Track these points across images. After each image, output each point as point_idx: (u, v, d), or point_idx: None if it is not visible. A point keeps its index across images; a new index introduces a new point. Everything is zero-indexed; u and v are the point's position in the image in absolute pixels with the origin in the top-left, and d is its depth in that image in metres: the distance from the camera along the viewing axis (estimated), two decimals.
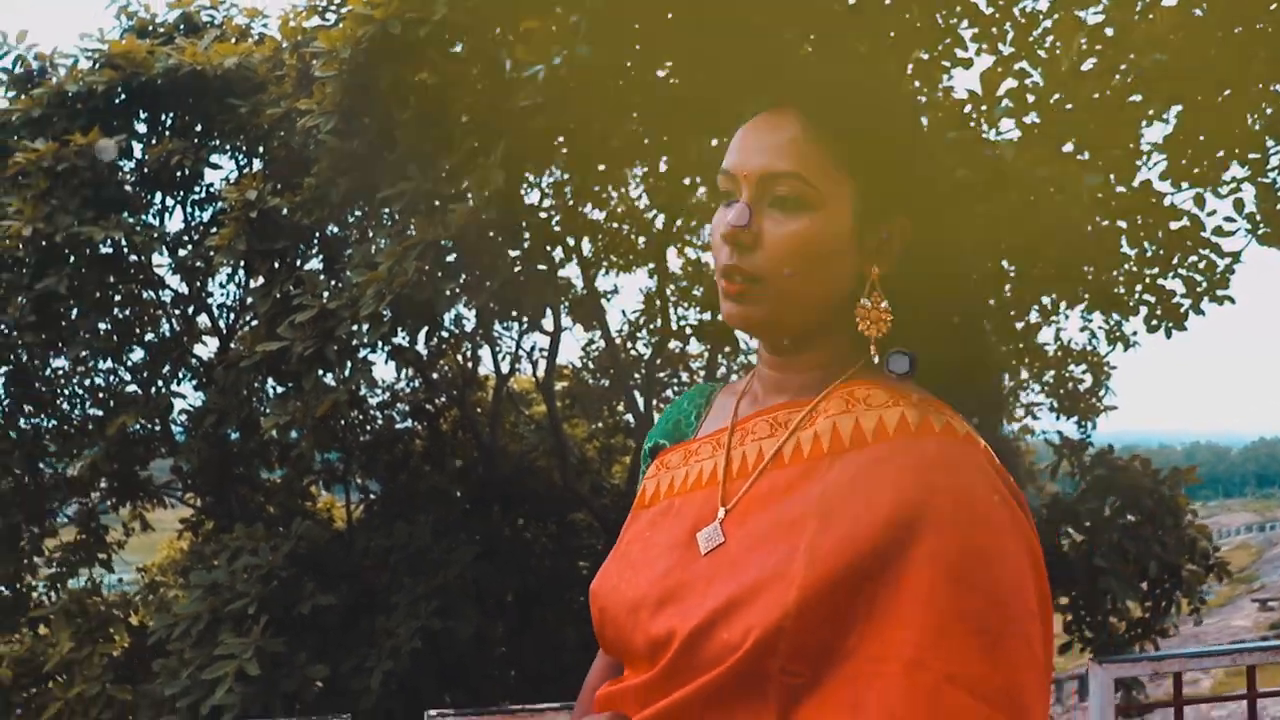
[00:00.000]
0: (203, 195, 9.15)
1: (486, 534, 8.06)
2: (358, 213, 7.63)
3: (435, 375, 9.48)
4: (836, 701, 0.98)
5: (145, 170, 8.63)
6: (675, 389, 11.25)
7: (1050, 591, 1.08)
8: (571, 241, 8.62)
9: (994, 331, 6.84)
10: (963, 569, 0.98)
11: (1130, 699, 7.03)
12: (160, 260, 9.09)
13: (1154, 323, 6.76)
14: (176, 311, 9.57)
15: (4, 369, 8.63)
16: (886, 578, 0.98)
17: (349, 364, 6.71)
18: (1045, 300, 7.20)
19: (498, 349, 10.05)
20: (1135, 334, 8.51)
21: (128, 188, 8.59)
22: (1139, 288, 6.81)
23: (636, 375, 10.38)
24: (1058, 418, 9.62)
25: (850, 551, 0.99)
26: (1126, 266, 6.73)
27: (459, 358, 9.90)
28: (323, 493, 10.58)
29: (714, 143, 6.47)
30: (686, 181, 8.47)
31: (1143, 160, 6.15)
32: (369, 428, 9.45)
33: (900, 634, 0.97)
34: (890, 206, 1.12)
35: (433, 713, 3.40)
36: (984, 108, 4.87)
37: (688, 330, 10.48)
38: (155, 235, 8.60)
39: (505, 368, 10.21)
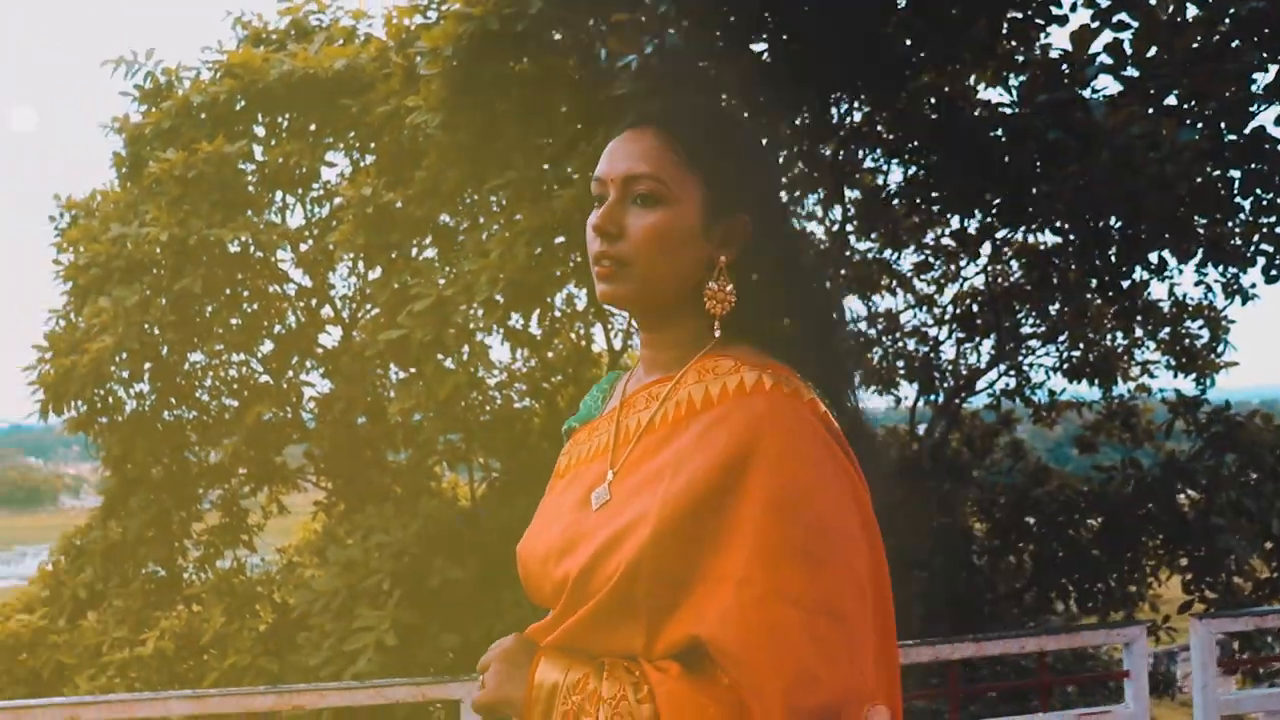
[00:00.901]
0: (320, 192, 9.56)
1: None
2: (467, 201, 7.90)
3: (550, 354, 9.73)
4: (687, 617, 1.20)
5: (266, 171, 9.05)
6: None
7: (876, 520, 1.28)
8: None
9: (1097, 290, 6.81)
10: (786, 502, 1.20)
11: (1256, 657, 6.93)
12: (284, 256, 9.54)
13: (1273, 273, 6.61)
14: (301, 304, 10.02)
15: (148, 365, 9.11)
16: (724, 512, 1.21)
17: (467, 348, 7.01)
18: (1154, 256, 7.10)
19: (610, 326, 10.26)
20: (1254, 286, 8.32)
21: (251, 189, 9.04)
22: (1255, 238, 6.67)
23: None
24: (1175, 375, 9.44)
25: (693, 491, 1.22)
26: (1241, 217, 6.59)
27: (572, 336, 10.13)
28: (447, 472, 10.96)
29: (799, 120, 6.53)
30: (785, 152, 8.56)
31: (1254, 107, 6.02)
32: (488, 408, 9.76)
33: (734, 558, 1.19)
34: (732, 205, 1.34)
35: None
36: (1076, 66, 4.85)
37: None
38: (278, 233, 9.04)
39: (618, 344, 10.41)
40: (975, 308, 10.23)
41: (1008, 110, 5.78)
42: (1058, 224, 6.42)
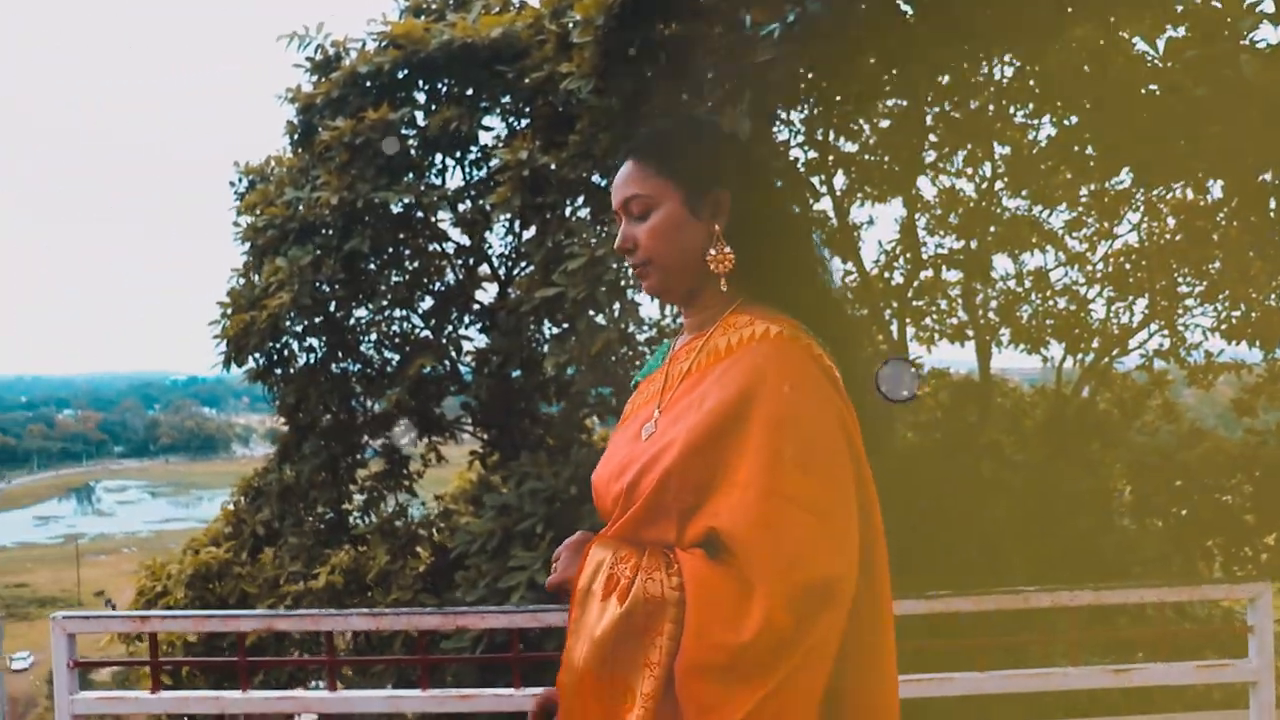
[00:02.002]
0: (478, 155, 9.96)
1: None
2: (618, 163, 8.16)
3: None
4: (706, 515, 1.56)
5: (427, 136, 9.49)
6: (933, 317, 11.27)
7: (861, 442, 1.60)
8: (822, 177, 8.88)
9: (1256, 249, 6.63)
10: (782, 423, 1.54)
11: None
12: (443, 216, 9.99)
13: None
14: (460, 262, 10.49)
15: (318, 319, 9.70)
16: (735, 434, 1.56)
17: (618, 305, 7.31)
18: None
19: None
20: None
21: (413, 153, 9.49)
22: None
23: (894, 304, 10.51)
24: None
25: (711, 418, 1.58)
26: None
27: None
28: (597, 424, 11.35)
29: (944, 79, 6.54)
30: (936, 110, 8.55)
31: None
32: (638, 363, 10.05)
33: (743, 468, 1.54)
34: (707, 185, 1.69)
35: None
36: (1229, 19, 4.77)
37: (941, 259, 10.50)
38: (438, 195, 9.49)
39: None
40: (1129, 265, 10.03)
41: (1157, 64, 5.70)
42: (1208, 181, 6.31)
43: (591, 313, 7.23)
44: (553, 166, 7.88)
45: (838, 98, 7.69)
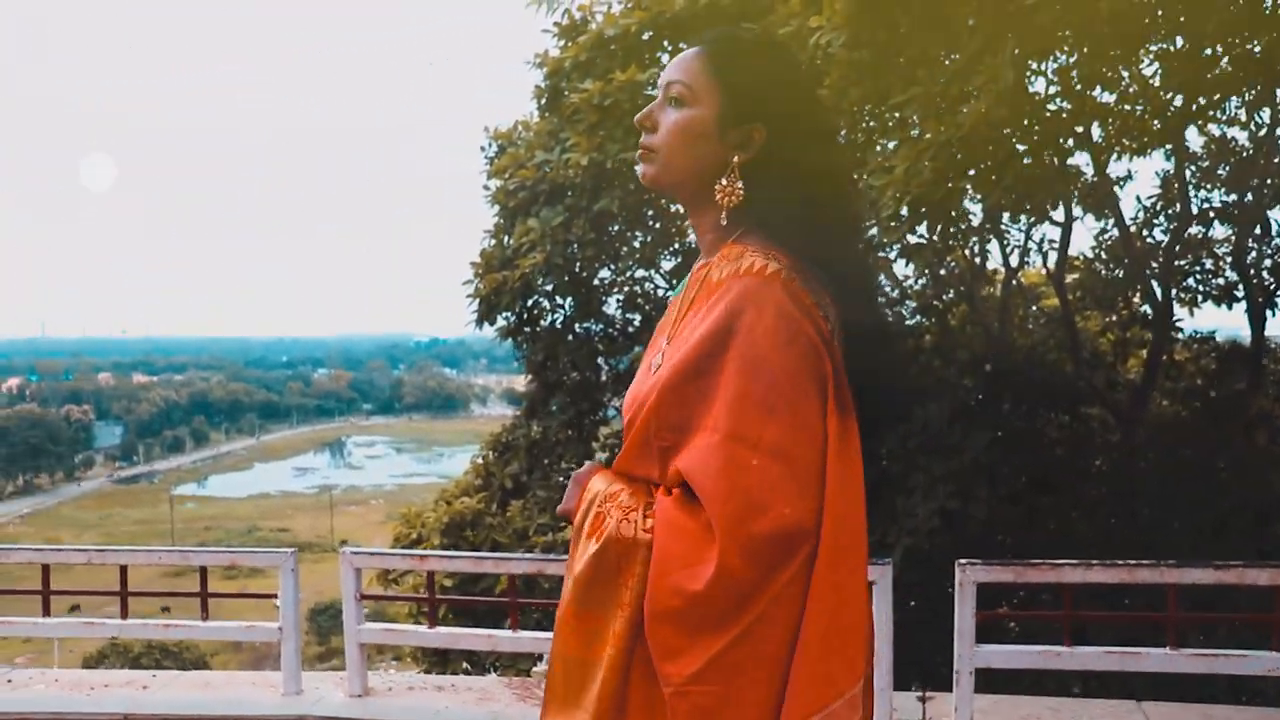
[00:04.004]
0: None
1: (998, 424, 8.25)
2: (869, 121, 8.00)
3: (943, 271, 9.70)
4: (682, 455, 1.52)
5: None
6: (1196, 277, 10.58)
7: (839, 382, 1.51)
8: (1080, 129, 8.44)
9: None
10: (751, 364, 1.48)
11: None
12: None
13: None
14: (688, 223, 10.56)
15: (567, 279, 9.98)
16: (711, 374, 1.52)
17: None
18: None
19: (1005, 242, 10.05)
20: None
21: None
22: None
23: (1154, 264, 9.94)
24: None
25: (687, 358, 1.54)
26: None
27: (966, 253, 10.02)
28: None
29: (1231, 8, 6.08)
30: (1208, 52, 7.97)
31: None
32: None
33: (713, 409, 1.50)
34: (748, 114, 1.62)
35: (963, 561, 3.81)
36: None
37: (1211, 213, 9.82)
38: None
39: (1014, 261, 10.19)
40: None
41: None
42: None
43: None
44: None
45: (1110, 50, 7.26)
